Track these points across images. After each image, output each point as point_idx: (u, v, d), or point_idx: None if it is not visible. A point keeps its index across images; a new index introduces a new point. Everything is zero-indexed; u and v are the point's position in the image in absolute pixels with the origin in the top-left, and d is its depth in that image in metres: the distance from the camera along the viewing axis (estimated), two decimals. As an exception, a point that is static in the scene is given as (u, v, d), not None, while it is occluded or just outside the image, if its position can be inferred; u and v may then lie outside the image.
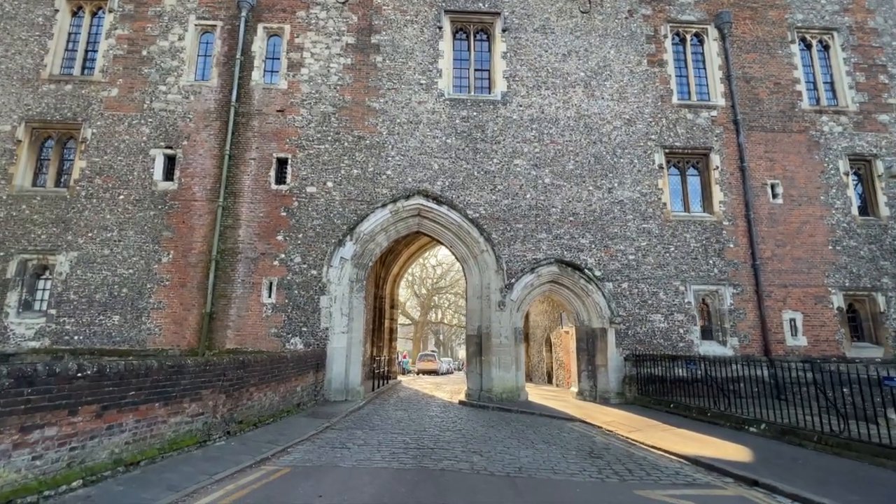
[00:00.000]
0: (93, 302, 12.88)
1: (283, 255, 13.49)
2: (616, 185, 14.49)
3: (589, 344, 13.89)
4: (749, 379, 12.03)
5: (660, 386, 12.55)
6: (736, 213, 14.48)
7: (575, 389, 14.09)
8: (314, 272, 13.41)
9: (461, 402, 13.34)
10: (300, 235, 13.62)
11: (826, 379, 8.78)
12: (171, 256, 13.36)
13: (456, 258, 14.86)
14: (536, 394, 15.34)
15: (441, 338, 63.11)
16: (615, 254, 14.06)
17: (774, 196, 14.70)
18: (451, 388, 19.22)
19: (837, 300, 14.09)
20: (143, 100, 14.19)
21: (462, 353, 64.62)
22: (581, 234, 14.13)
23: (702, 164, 15.06)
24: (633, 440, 8.87)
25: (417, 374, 31.97)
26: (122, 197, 13.61)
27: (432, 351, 40.11)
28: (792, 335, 13.79)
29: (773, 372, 13.04)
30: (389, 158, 14.26)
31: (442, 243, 14.77)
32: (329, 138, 14.25)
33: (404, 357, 31.84)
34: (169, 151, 14.02)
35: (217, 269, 13.27)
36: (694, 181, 15.11)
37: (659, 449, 8.19)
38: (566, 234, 14.11)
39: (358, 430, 9.10)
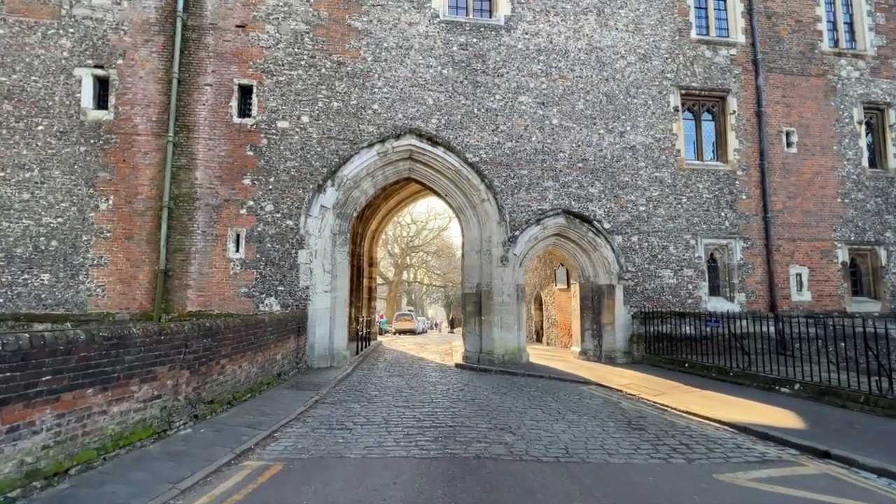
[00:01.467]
0: (13, 257, 10.54)
1: (251, 203, 11.46)
2: (629, 128, 13.11)
3: (594, 302, 12.94)
4: (755, 335, 11.48)
5: (668, 344, 11.87)
6: (750, 163, 13.53)
7: (577, 349, 13.28)
8: (290, 222, 11.51)
9: (458, 366, 12.24)
10: (271, 179, 11.57)
11: (864, 336, 8.05)
12: (110, 203, 11.05)
13: (451, 209, 13.29)
14: (533, 354, 14.48)
15: (413, 297, 62.35)
16: (625, 204, 12.90)
17: (789, 145, 13.80)
18: (437, 349, 18.19)
19: (842, 254, 13.69)
20: (60, 3, 11.23)
21: (433, 311, 64.24)
22: (590, 183, 12.81)
23: (717, 109, 13.85)
24: (662, 405, 8.02)
25: (395, 333, 30.96)
26: (41, 128, 10.97)
27: (409, 310, 39.13)
28: (797, 290, 13.36)
29: (779, 328, 12.65)
30: (376, 90, 12.16)
31: (436, 192, 13.11)
32: (303, 63, 11.92)
33: (381, 317, 30.61)
34: (99, 72, 11.32)
35: (171, 219, 11.13)
36: (708, 127, 13.95)
37: (697, 415, 7.36)
38: (574, 182, 12.75)
39: (355, 404, 7.74)
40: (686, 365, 10.84)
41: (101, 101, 11.42)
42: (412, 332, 31.95)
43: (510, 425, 6.50)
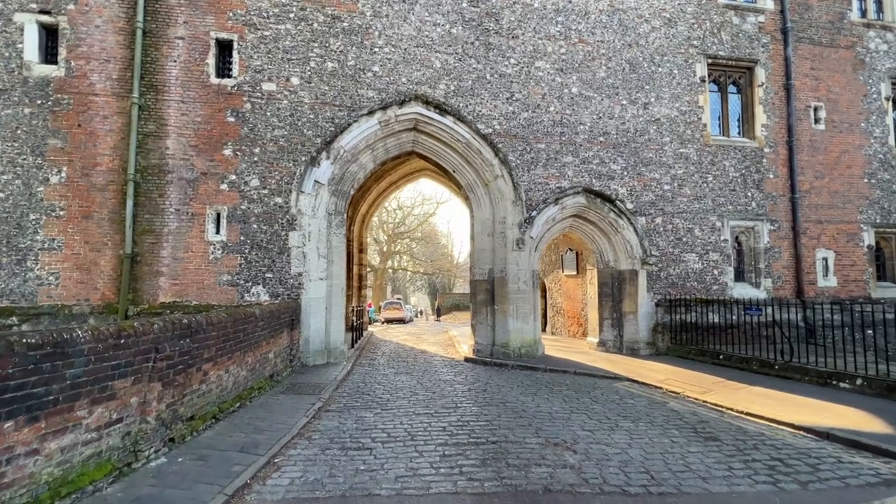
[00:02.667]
0: (-58, 239, 8.80)
1: (233, 177, 9.91)
2: (653, 99, 11.99)
3: (614, 289, 11.95)
4: (780, 323, 10.74)
5: (694, 334, 11.00)
6: (777, 140, 12.64)
7: (594, 339, 12.31)
8: (279, 200, 10.03)
9: (469, 360, 11.10)
10: (257, 150, 10.03)
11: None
12: (63, 175, 9.34)
13: (458, 187, 11.99)
14: (545, 345, 13.46)
15: (396, 285, 61.04)
16: (649, 183, 11.85)
17: (817, 121, 12.96)
18: (436, 340, 17.04)
19: (868, 237, 13.04)
20: (-7, -69, 9.31)
21: (415, 299, 63.08)
22: (612, 159, 11.69)
23: (744, 80, 12.86)
24: (715, 405, 7.09)
25: (383, 323, 29.66)
26: (-26, 84, 9.13)
27: (397, 298, 37.78)
28: (823, 276, 12.66)
29: (805, 315, 11.94)
30: (376, 49, 10.66)
31: (442, 169, 11.77)
32: (292, 16, 10.31)
33: (369, 306, 29.23)
34: (46, 19, 9.48)
35: (138, 195, 9.51)
36: (734, 101, 12.97)
37: (763, 418, 6.44)
38: (595, 157, 11.60)
39: (366, 412, 6.51)
40: (720, 357, 9.96)
41: (49, 54, 9.60)
42: (401, 321, 30.73)
43: (564, 439, 5.38)
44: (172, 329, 4.48)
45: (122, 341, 3.80)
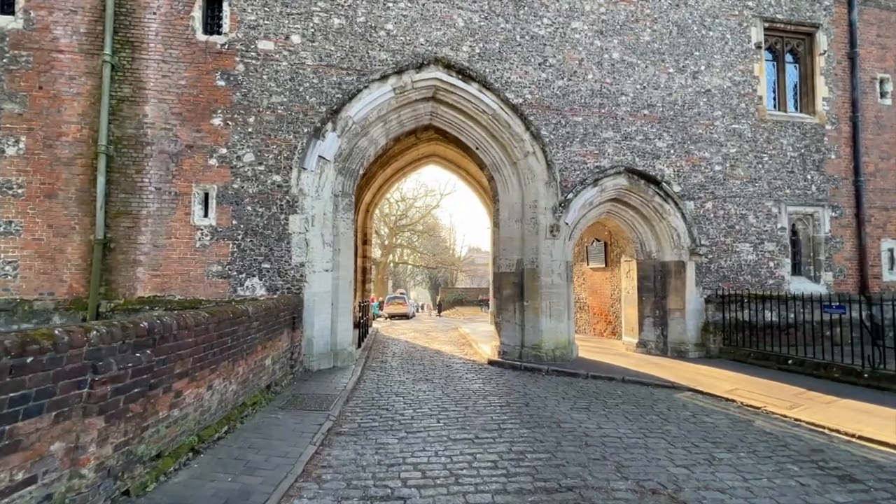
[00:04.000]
0: None
1: (223, 150, 8.48)
2: (703, 67, 10.54)
3: (657, 283, 10.57)
4: (841, 322, 9.42)
5: (748, 335, 9.67)
6: (840, 115, 11.22)
7: (632, 340, 10.95)
8: (277, 178, 8.61)
9: (494, 363, 9.74)
10: (251, 120, 8.58)
11: None
12: (22, 146, 7.90)
13: (481, 167, 10.56)
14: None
15: (398, 279, 59.68)
16: (698, 163, 10.43)
17: (883, 95, 11.54)
18: (447, 338, 15.70)
19: (937, 227, 11.67)
20: None
21: (415, 294, 61.69)
22: (657, 135, 10.26)
23: (803, 48, 11.41)
24: (817, 426, 5.77)
25: (387, 318, 28.31)
26: (-88, 36, 7.65)
27: (401, 293, 36.39)
28: (889, 269, 11.30)
29: (871, 313, 10.61)
30: (390, 4, 9.19)
31: (463, 145, 10.32)
32: (291, -38, 8.82)
33: (372, 301, 27.85)
34: (0, -40, 7.99)
35: (111, 170, 8.09)
36: (791, 71, 11.52)
37: (887, 444, 5.10)
38: (638, 133, 10.18)
39: (388, 437, 5.14)
40: (788, 362, 8.61)
41: (4, 3, 8.12)
42: (405, 316, 29.44)
43: (660, 482, 4.02)
44: (123, 337, 3.09)
45: (31, 360, 2.40)
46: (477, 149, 10.14)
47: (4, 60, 7.91)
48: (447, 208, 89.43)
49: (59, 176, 7.96)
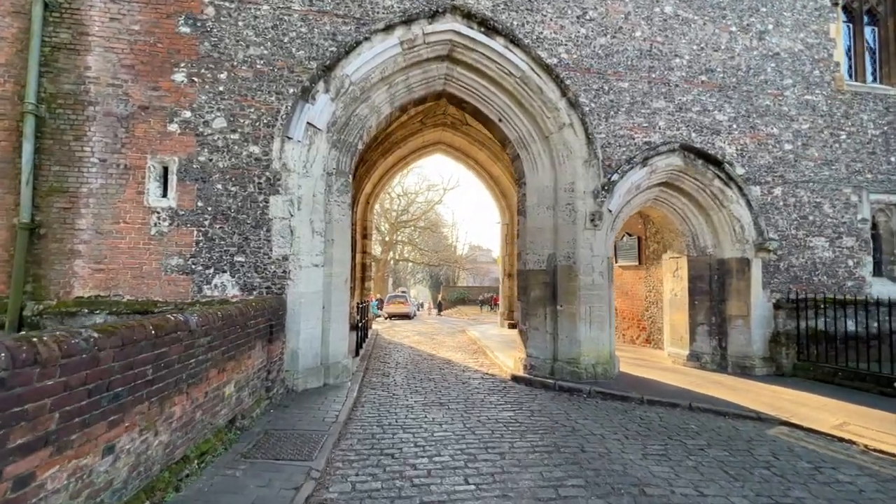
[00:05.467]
0: None
1: (187, 114, 6.75)
2: (770, 26, 8.81)
3: (713, 284, 8.85)
4: None
5: (826, 348, 7.96)
6: (927, 87, 9.49)
7: (681, 351, 9.23)
8: (255, 149, 6.88)
9: (519, 378, 8.02)
10: (223, 76, 6.85)
11: None
12: (-73, 103, 6.17)
13: (504, 144, 8.83)
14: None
15: (398, 277, 57.93)
16: (765, 140, 8.71)
17: (975, 65, 9.78)
18: (455, 343, 13.98)
19: None
20: None
21: (415, 292, 59.88)
22: (717, 106, 8.54)
23: (884, 8, 9.67)
24: None
25: (387, 318, 26.58)
26: None
27: (402, 291, 34.66)
28: (983, 269, 9.57)
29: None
30: (397, -63, 7.45)
31: (483, 116, 8.59)
32: None
33: (371, 299, 26.09)
34: None
35: (42, 135, 6.36)
36: (869, 35, 9.78)
37: None
38: (695, 103, 8.45)
39: (397, 512, 3.43)
40: None
41: None
42: (406, 316, 27.75)
43: None
44: None
45: None
46: (500, 121, 8.41)
47: None
48: (450, 204, 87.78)
49: (-25, 142, 6.24)
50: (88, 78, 6.53)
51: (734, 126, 8.56)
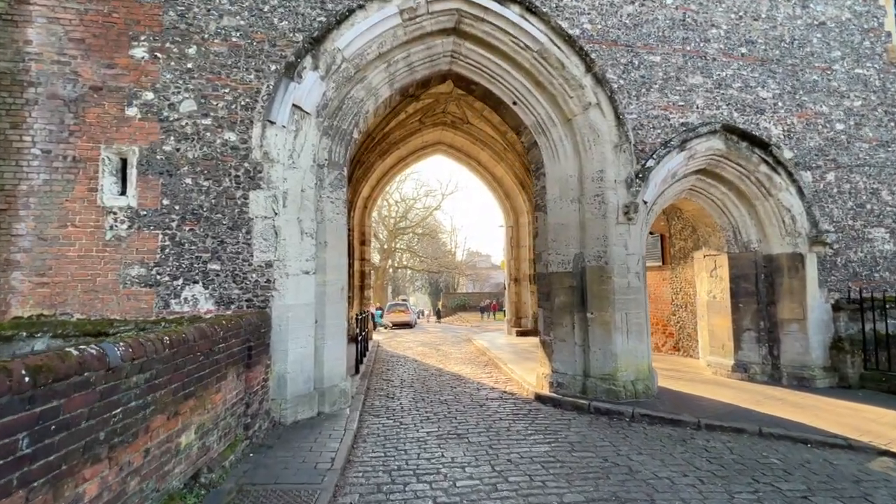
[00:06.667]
0: None
1: (149, 95, 5.67)
2: (815, -7, 7.86)
3: (760, 283, 7.80)
4: None
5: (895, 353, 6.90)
6: None
7: (725, 361, 8.15)
8: (231, 136, 5.81)
9: (545, 398, 6.92)
10: (191, 51, 5.80)
11: None
12: None
13: (519, 131, 7.79)
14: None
15: (397, 285, 56.70)
16: (814, 119, 7.71)
17: None
18: (462, 355, 12.85)
19: None
20: None
21: (414, 299, 58.55)
22: (760, 82, 7.54)
23: (934, -26, 8.73)
24: None
25: (391, 328, 25.39)
26: None
27: (402, 300, 33.55)
28: None
29: None
30: None
31: (495, 99, 7.55)
32: None
33: (373, 309, 24.91)
34: None
35: (-30, 123, 5.27)
36: (917, 4, 8.84)
37: None
38: (735, 78, 7.45)
39: None
40: None
41: None
42: (407, 325, 26.68)
43: None
44: None
45: None
46: (514, 103, 7.37)
47: None
48: (448, 210, 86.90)
49: None
50: (29, 54, 5.46)
51: (779, 104, 7.56)
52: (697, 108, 7.23)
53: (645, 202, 6.96)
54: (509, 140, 14.59)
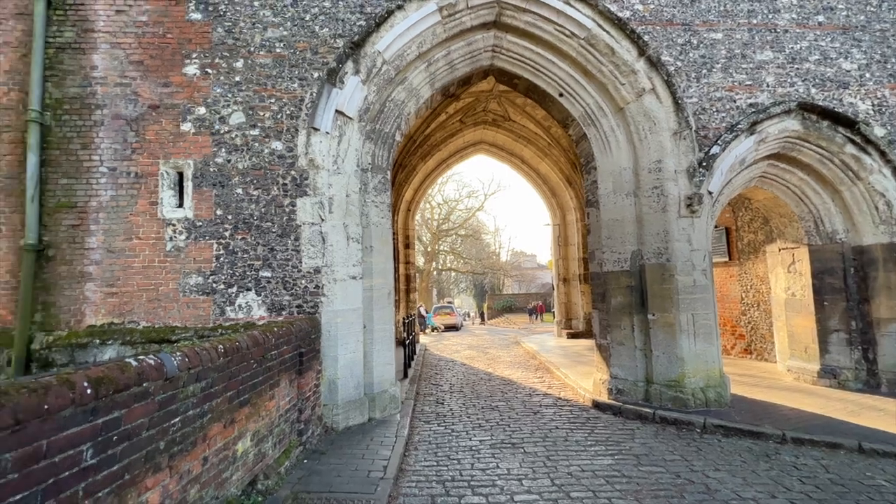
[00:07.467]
0: None
1: (201, 110, 5.88)
2: (906, -54, 6.90)
3: (849, 279, 6.94)
4: None
5: None
6: None
7: (808, 366, 7.32)
8: (277, 145, 5.90)
9: (603, 405, 6.50)
10: (239, 64, 5.96)
11: None
12: (-69, 119, 5.65)
13: (566, 124, 7.42)
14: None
15: (441, 287, 56.76)
16: (910, 91, 6.77)
17: None
18: (512, 358, 12.51)
19: None
20: None
21: (459, 301, 58.30)
22: (842, 52, 6.72)
23: None
24: None
25: (441, 330, 25.39)
26: None
27: (448, 302, 33.56)
28: None
29: None
30: None
31: (539, 92, 7.23)
32: None
33: (423, 311, 24.93)
34: None
35: (48, 145, 5.69)
36: None
37: None
38: (812, 50, 6.68)
39: None
40: None
41: (-87, -68, 5.99)
42: (454, 327, 26.62)
43: None
44: None
45: None
46: (561, 95, 7.02)
47: (-90, 5, 5.74)
48: (491, 210, 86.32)
49: (-20, 158, 5.65)
50: (95, 79, 5.82)
51: (867, 76, 6.69)
52: (768, 86, 6.54)
53: (710, 193, 6.38)
54: (553, 135, 14.11)
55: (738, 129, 6.34)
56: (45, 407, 1.69)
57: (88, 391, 1.90)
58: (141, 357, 2.36)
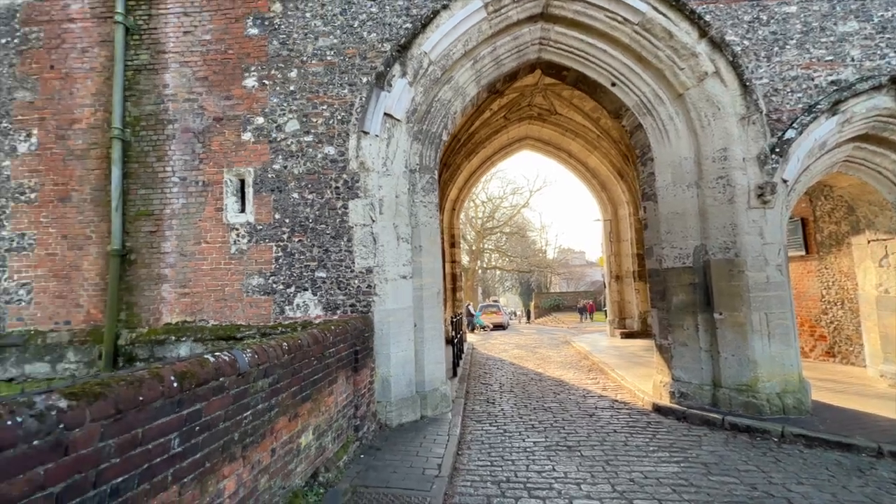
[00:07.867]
0: None
1: (259, 120, 6.21)
2: None
3: (957, 273, 6.10)
4: None
5: None
6: None
7: (904, 371, 6.54)
8: (330, 150, 6.10)
9: (664, 410, 6.15)
10: (293, 74, 6.22)
11: None
12: (34, 141, 6.37)
13: (619, 114, 7.09)
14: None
15: (487, 286, 56.38)
16: None
17: None
18: (562, 358, 12.17)
19: None
20: None
21: (504, 300, 57.46)
22: (944, 16, 5.92)
23: None
24: None
25: (490, 329, 25.28)
26: (-77, 24, 6.54)
27: (494, 301, 33.35)
28: None
29: None
30: None
31: (590, 83, 6.97)
32: None
33: (472, 309, 24.93)
34: (7, -78, 6.65)
35: (128, 159, 6.23)
36: None
37: None
38: (906, 17, 5.94)
39: None
40: None
41: (17, -24, 6.79)
42: (501, 326, 26.41)
43: None
44: None
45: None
46: (613, 85, 6.72)
47: (16, 41, 6.50)
48: (536, 207, 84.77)
49: (73, 173, 6.29)
50: (167, 95, 6.31)
51: (976, 40, 5.85)
52: (853, 60, 5.89)
53: (784, 181, 5.85)
54: (603, 126, 13.58)
55: (818, 110, 5.76)
56: (140, 398, 1.84)
57: (175, 384, 2.04)
58: (217, 353, 2.51)
